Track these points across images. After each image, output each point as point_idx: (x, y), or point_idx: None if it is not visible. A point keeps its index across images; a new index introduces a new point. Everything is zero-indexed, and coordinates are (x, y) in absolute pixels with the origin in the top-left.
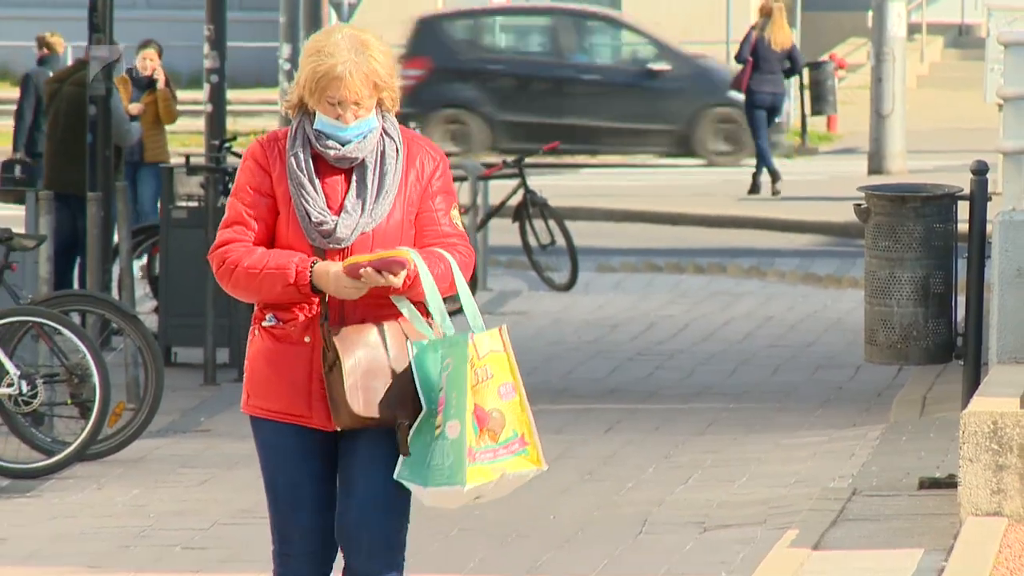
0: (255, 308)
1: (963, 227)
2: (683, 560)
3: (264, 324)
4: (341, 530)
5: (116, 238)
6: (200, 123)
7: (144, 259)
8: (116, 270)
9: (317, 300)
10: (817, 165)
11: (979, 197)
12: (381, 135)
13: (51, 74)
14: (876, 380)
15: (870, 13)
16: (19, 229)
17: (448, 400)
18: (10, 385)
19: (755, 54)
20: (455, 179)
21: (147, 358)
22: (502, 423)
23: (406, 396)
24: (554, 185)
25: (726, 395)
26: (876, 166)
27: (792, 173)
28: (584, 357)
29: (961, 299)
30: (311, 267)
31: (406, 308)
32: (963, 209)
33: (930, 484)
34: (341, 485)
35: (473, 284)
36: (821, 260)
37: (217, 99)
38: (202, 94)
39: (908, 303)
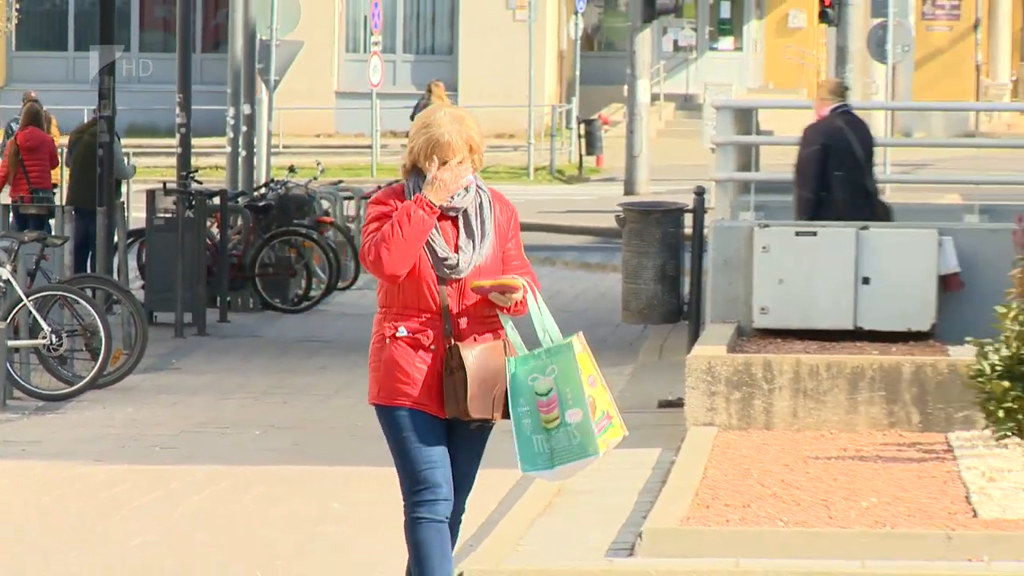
0: (380, 325)
1: (688, 231)
2: (498, 454)
3: (397, 335)
4: None
5: (116, 238)
6: (173, 160)
7: (136, 252)
8: (116, 260)
9: (440, 317)
10: (590, 189)
11: (699, 211)
12: (476, 190)
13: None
14: (629, 335)
15: (626, 86)
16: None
17: (563, 395)
18: (44, 337)
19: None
20: (346, 199)
21: (136, 320)
22: (595, 405)
23: (502, 400)
24: None
25: (530, 346)
26: (630, 189)
27: (573, 194)
28: None
29: (686, 280)
30: (421, 199)
31: (509, 325)
32: (689, 218)
33: (666, 404)
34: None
35: (358, 269)
36: (592, 253)
37: (184, 144)
38: (175, 140)
39: (651, 282)
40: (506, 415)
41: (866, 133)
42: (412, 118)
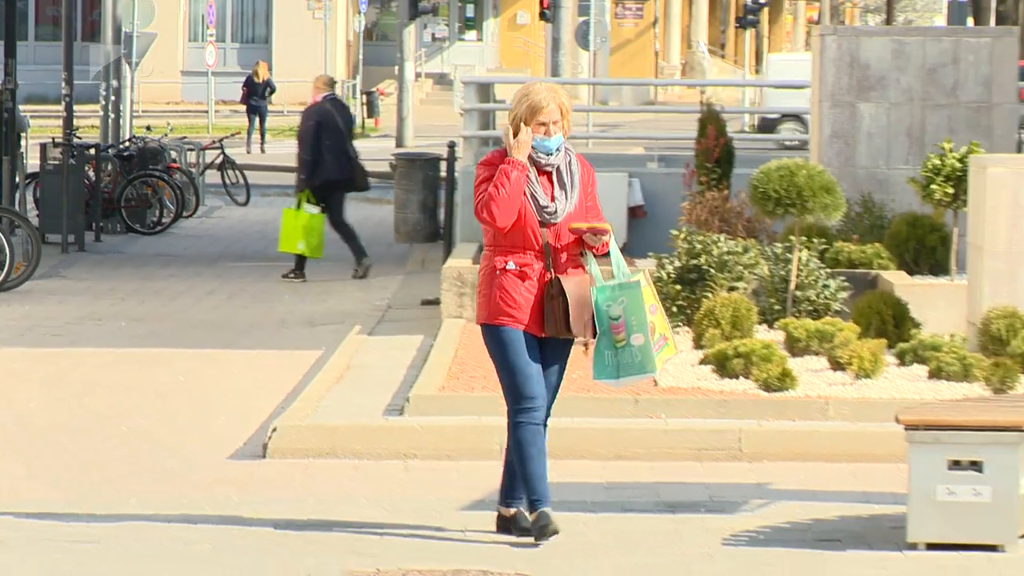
0: (490, 260)
1: (443, 174)
2: (302, 340)
3: (506, 267)
4: None
5: (17, 179)
6: (60, 122)
7: (32, 190)
8: (17, 196)
9: (541, 253)
10: (371, 143)
11: (451, 159)
12: (565, 151)
13: None
14: (400, 251)
15: (396, 67)
16: None
17: (628, 322)
18: None
19: (249, 84)
20: (189, 150)
21: (33, 240)
22: (654, 329)
23: (591, 322)
24: (240, 152)
25: (327, 258)
26: (400, 143)
27: (361, 147)
28: (254, 239)
29: (442, 210)
30: (511, 161)
31: (590, 262)
32: (443, 165)
33: (427, 302)
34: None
35: (198, 202)
36: (373, 191)
37: (68, 110)
38: (61, 107)
39: (416, 212)
40: (594, 335)
41: (347, 114)
42: (243, 87)
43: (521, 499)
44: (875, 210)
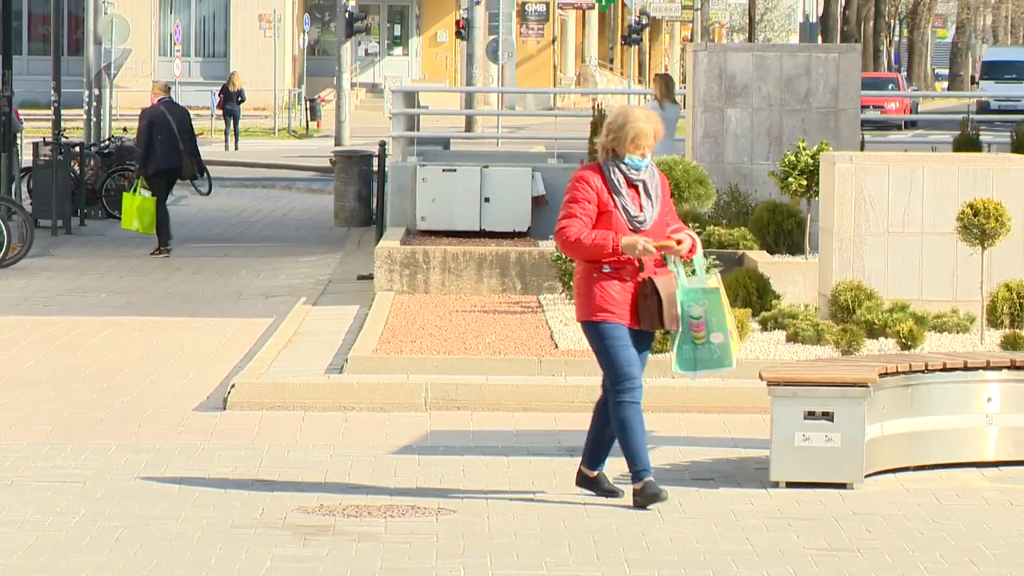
0: (586, 264)
1: (376, 169)
2: (257, 309)
3: (603, 270)
4: None
5: (13, 172)
6: (49, 124)
7: (26, 182)
8: (14, 187)
9: (633, 258)
10: (313, 142)
11: (382, 156)
12: (650, 166)
13: None
14: (339, 234)
15: (335, 78)
16: None
17: (709, 322)
18: None
19: (225, 92)
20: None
21: (27, 224)
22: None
23: (678, 316)
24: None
25: (278, 239)
26: (338, 142)
27: (303, 146)
28: (214, 224)
29: (375, 199)
30: (620, 241)
31: (674, 265)
32: (375, 161)
33: (362, 277)
34: None
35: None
36: (316, 183)
37: (57, 114)
38: (50, 111)
39: (352, 201)
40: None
41: (182, 114)
42: (220, 94)
43: (603, 464)
44: (741, 199)
